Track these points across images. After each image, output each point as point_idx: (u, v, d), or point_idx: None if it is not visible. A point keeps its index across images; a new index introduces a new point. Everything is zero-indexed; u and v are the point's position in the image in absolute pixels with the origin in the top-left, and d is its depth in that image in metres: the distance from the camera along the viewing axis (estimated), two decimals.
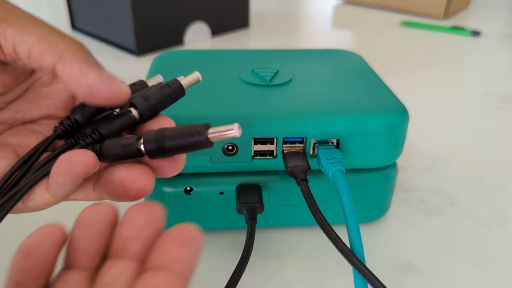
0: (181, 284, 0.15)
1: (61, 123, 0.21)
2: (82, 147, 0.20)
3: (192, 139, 0.18)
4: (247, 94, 0.31)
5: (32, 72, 0.22)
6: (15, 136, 0.21)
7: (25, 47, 0.18)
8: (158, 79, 0.24)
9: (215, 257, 0.31)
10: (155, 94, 0.21)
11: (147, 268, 0.16)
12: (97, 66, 0.19)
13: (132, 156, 0.19)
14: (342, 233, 0.25)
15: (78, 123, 0.21)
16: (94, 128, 0.20)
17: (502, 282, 0.30)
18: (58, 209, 0.23)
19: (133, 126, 0.21)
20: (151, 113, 0.21)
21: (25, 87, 0.22)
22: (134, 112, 0.21)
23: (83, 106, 0.21)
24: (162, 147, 0.19)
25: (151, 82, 0.23)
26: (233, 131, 0.18)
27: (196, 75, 0.22)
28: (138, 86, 0.23)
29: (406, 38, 0.81)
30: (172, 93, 0.22)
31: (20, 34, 0.18)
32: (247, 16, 0.82)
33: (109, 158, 0.19)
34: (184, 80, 0.22)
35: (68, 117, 0.21)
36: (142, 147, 0.19)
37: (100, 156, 0.19)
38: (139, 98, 0.21)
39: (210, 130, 0.18)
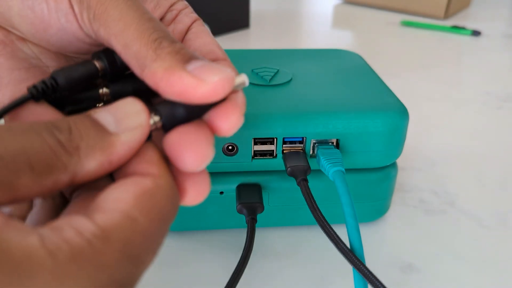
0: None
1: (34, 86, 0.17)
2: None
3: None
4: (247, 94, 0.31)
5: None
6: None
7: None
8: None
9: (215, 257, 0.31)
10: None
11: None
12: (182, 67, 0.16)
13: None
14: (342, 233, 0.25)
15: (55, 87, 0.17)
16: (51, 75, 0.17)
17: (502, 282, 0.30)
18: None
19: (95, 83, 0.18)
20: (117, 66, 0.18)
21: None
22: (98, 64, 0.18)
23: (69, 69, 0.18)
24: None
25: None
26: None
27: None
28: None
29: (406, 38, 0.81)
30: None
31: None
32: (247, 16, 0.82)
33: None
34: None
35: (44, 81, 0.17)
36: (155, 120, 0.16)
37: None
38: (104, 49, 0.18)
39: None
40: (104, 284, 0.12)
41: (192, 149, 0.16)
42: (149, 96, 0.19)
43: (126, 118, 0.15)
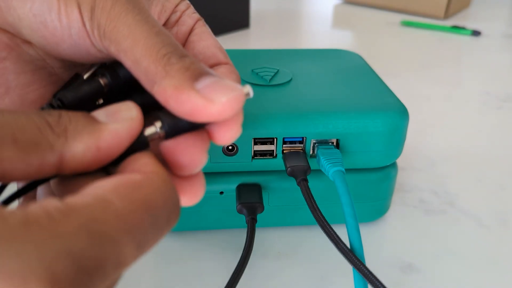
0: None
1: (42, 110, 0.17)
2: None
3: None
4: None
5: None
6: None
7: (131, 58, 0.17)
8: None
9: (215, 257, 0.31)
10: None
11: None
12: (191, 86, 0.16)
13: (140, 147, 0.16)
14: (342, 233, 0.25)
15: (63, 104, 0.18)
16: (57, 97, 0.18)
17: (502, 282, 0.30)
18: None
19: (100, 100, 0.19)
20: (122, 82, 0.18)
21: None
22: (102, 80, 0.18)
23: (74, 87, 0.18)
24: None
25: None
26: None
27: None
28: None
29: (406, 38, 0.81)
30: None
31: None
32: (247, 16, 0.82)
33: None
34: None
35: (51, 104, 0.17)
36: (158, 128, 0.16)
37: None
38: (109, 64, 0.18)
39: None
40: (55, 252, 0.11)
41: (187, 155, 0.16)
42: (154, 109, 0.19)
43: (117, 112, 0.16)
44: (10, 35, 0.19)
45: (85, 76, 0.19)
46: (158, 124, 0.16)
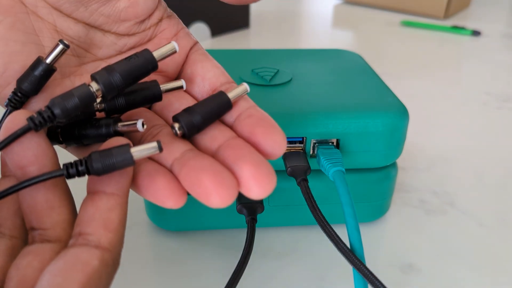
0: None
1: (31, 118, 0.17)
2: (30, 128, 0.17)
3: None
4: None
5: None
6: None
7: None
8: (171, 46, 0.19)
9: (215, 257, 0.31)
10: (120, 65, 0.18)
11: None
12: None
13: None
14: (342, 233, 0.25)
15: (25, 94, 0.19)
16: (46, 106, 0.17)
17: (502, 282, 0.30)
18: None
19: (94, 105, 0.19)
20: (115, 88, 0.18)
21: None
22: (94, 86, 0.18)
23: (28, 74, 0.19)
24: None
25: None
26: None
27: (171, 46, 0.19)
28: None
29: (406, 38, 0.81)
30: (141, 64, 0.18)
31: None
32: (247, 16, 0.82)
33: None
34: (157, 51, 0.19)
35: (40, 113, 0.17)
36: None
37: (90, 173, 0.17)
38: (101, 71, 0.18)
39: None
40: None
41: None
42: (140, 106, 0.20)
43: None
44: (11, 1, 0.19)
45: (48, 60, 0.19)
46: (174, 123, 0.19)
